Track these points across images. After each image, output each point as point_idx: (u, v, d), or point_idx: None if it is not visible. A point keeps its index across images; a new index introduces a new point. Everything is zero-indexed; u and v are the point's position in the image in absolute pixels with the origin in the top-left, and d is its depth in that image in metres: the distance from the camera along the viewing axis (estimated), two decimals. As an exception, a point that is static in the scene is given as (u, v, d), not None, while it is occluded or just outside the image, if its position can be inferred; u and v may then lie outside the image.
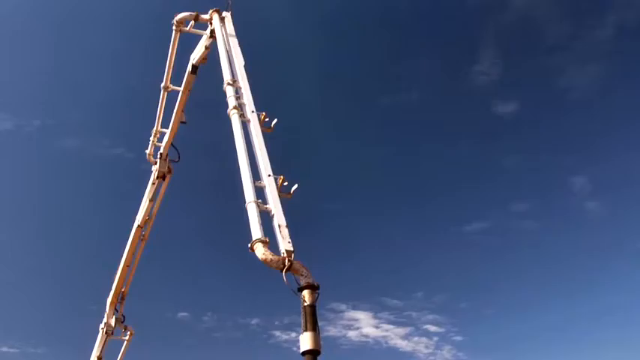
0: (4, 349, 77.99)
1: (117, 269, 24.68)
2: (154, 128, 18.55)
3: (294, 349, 6.81)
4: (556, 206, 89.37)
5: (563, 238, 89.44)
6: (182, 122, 17.08)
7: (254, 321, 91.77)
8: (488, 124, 69.48)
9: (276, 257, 7.58)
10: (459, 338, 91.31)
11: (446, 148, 73.41)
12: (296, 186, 9.26)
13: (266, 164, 9.39)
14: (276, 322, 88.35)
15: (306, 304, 7.09)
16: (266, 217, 8.58)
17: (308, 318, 6.97)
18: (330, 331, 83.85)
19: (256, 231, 8.08)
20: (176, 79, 16.80)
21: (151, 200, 23.06)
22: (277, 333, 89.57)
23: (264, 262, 7.63)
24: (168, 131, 17.81)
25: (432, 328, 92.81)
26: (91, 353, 26.94)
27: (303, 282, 7.32)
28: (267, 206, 8.63)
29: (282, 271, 7.41)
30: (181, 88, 15.97)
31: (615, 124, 61.72)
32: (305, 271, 7.43)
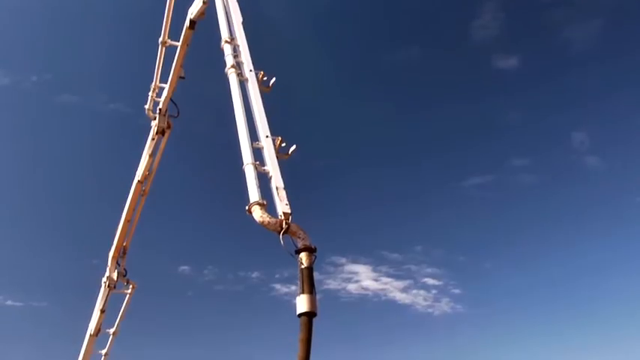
0: (9, 302, 78.94)
1: (118, 224, 24.87)
2: (153, 83, 18.40)
3: (294, 302, 6.89)
4: (556, 161, 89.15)
5: (563, 193, 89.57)
6: (181, 78, 16.94)
7: (254, 274, 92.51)
8: (489, 80, 68.94)
9: (273, 220, 7.60)
10: (457, 291, 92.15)
11: (446, 104, 73.04)
12: (294, 147, 9.21)
13: (264, 125, 9.33)
14: (277, 276, 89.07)
15: (303, 266, 7.13)
16: (264, 179, 8.56)
17: (305, 280, 7.02)
18: (329, 284, 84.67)
19: (254, 193, 8.08)
20: (175, 35, 16.62)
21: (150, 156, 23.04)
22: (277, 286, 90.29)
23: (262, 224, 7.65)
24: (166, 86, 17.68)
25: (431, 281, 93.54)
26: (94, 307, 27.40)
27: (300, 244, 7.35)
28: (265, 168, 8.60)
29: (279, 234, 7.43)
30: (179, 44, 15.79)
31: (616, 80, 61.15)
32: (302, 233, 7.46)
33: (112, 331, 28.28)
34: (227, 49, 10.86)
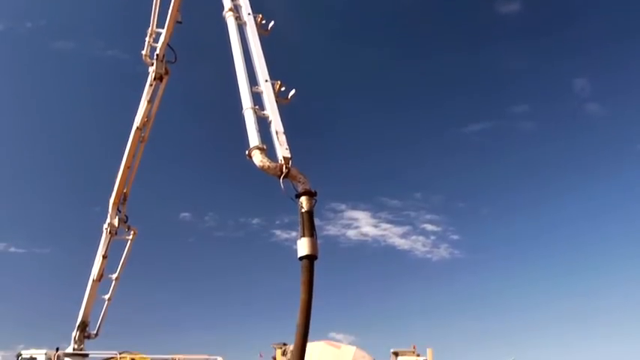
0: (12, 249, 79.70)
1: (118, 171, 24.87)
2: (150, 28, 18.06)
3: (295, 247, 6.93)
4: (556, 108, 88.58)
5: (563, 140, 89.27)
6: (178, 22, 16.67)
7: (255, 220, 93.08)
8: (491, 26, 67.87)
9: (273, 164, 7.59)
10: (455, 237, 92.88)
11: (447, 50, 72.11)
12: (294, 91, 9.13)
13: (263, 69, 9.22)
14: (277, 222, 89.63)
15: (303, 210, 7.15)
16: (264, 123, 8.51)
17: (305, 224, 7.05)
18: (329, 230, 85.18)
19: (253, 138, 8.04)
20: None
21: (149, 102, 22.86)
22: (278, 232, 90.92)
23: (262, 169, 7.64)
24: (163, 31, 17.38)
25: (430, 227, 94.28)
26: (96, 253, 27.65)
27: (300, 188, 7.35)
28: (265, 112, 8.54)
29: (279, 178, 7.43)
30: (175, -14, 15.50)
31: (619, 27, 60.30)
32: (302, 177, 7.45)
33: (114, 276, 28.64)
34: (225, -8, 10.64)
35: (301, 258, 6.91)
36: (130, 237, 28.33)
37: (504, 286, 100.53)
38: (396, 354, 25.68)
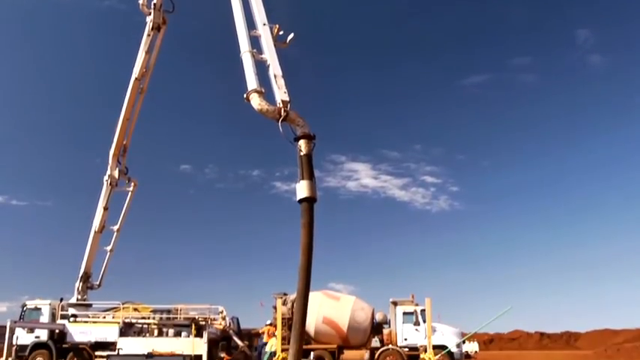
0: (14, 202, 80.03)
1: (117, 122, 24.82)
2: (146, -24, 17.83)
3: (294, 198, 6.95)
4: (558, 60, 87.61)
5: (564, 92, 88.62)
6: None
7: (255, 172, 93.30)
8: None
9: (272, 107, 7.54)
10: (455, 189, 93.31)
11: (448, 2, 70.82)
12: (292, 35, 9.01)
13: (261, 12, 9.08)
14: (277, 174, 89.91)
15: (302, 153, 7.13)
16: (262, 68, 8.43)
17: (304, 167, 7.04)
18: (329, 182, 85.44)
19: (252, 81, 7.97)
20: None
21: (146, 52, 22.67)
22: (278, 184, 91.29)
23: (260, 112, 7.60)
24: (160, -20, 17.15)
25: (430, 179, 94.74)
26: (97, 205, 27.82)
27: (299, 132, 7.31)
28: (263, 56, 8.45)
29: (278, 122, 7.39)
30: None
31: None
32: (301, 121, 7.41)
33: (115, 228, 28.95)
34: None
35: (300, 201, 6.92)
36: (131, 189, 28.49)
37: (502, 238, 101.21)
38: (395, 303, 26.06)
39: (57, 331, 26.46)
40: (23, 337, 26.08)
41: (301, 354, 6.58)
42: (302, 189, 6.90)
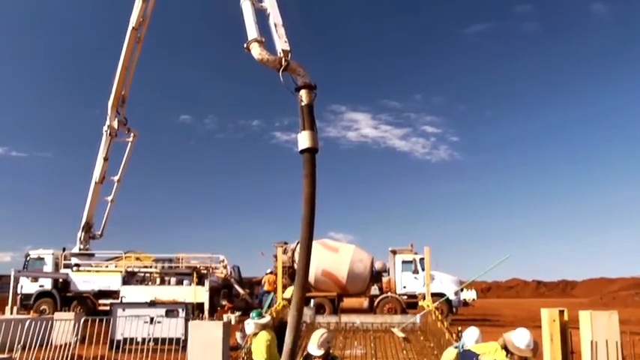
0: (14, 153, 79.99)
1: (115, 72, 24.66)
2: None
3: (295, 149, 6.97)
4: (560, 8, 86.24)
5: (567, 42, 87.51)
6: None
7: (255, 122, 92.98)
8: None
9: (272, 57, 7.47)
10: (455, 139, 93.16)
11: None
12: (292, -17, 8.89)
13: (261, -42, 8.93)
14: (277, 124, 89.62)
15: (303, 103, 7.11)
16: (262, 16, 8.34)
17: (306, 117, 7.02)
18: (329, 132, 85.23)
19: (252, 30, 7.89)
20: None
21: (143, 1, 22.40)
22: (278, 134, 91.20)
23: (261, 62, 7.54)
24: None
25: (430, 129, 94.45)
26: (97, 155, 27.88)
27: (300, 82, 7.27)
28: (263, 4, 8.34)
29: (278, 71, 7.35)
30: None
31: None
32: (302, 70, 7.36)
33: (116, 178, 29.10)
34: None
35: (302, 151, 6.94)
36: (131, 139, 28.53)
37: (502, 188, 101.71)
38: (394, 252, 26.35)
39: (60, 280, 26.89)
40: (28, 286, 26.52)
41: (303, 303, 6.72)
42: (303, 139, 6.90)
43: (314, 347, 6.45)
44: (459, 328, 15.68)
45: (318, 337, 6.47)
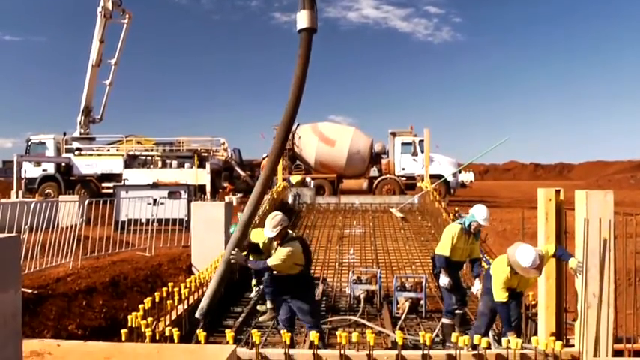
0: (7, 37, 78.26)
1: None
2: None
3: (294, 30, 6.82)
4: None
5: None
6: None
7: (253, 2, 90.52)
8: None
9: None
10: (458, 20, 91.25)
11: None
12: None
13: None
14: (276, 4, 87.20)
15: (302, -20, 6.87)
16: None
17: (305, -4, 6.83)
18: (329, 12, 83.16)
19: None
20: None
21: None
22: (277, 15, 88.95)
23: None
24: None
25: (433, 10, 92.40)
26: (92, 39, 27.33)
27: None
28: None
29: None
30: None
31: None
32: (301, -53, 7.07)
33: (113, 61, 28.67)
34: None
35: (300, 31, 6.78)
36: (126, 21, 27.87)
37: (503, 71, 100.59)
38: (394, 134, 26.40)
39: (63, 164, 27.16)
40: (31, 171, 26.86)
41: (271, 178, 6.89)
42: (302, 19, 6.74)
43: (268, 230, 6.64)
44: (456, 209, 16.07)
45: (271, 220, 6.64)
